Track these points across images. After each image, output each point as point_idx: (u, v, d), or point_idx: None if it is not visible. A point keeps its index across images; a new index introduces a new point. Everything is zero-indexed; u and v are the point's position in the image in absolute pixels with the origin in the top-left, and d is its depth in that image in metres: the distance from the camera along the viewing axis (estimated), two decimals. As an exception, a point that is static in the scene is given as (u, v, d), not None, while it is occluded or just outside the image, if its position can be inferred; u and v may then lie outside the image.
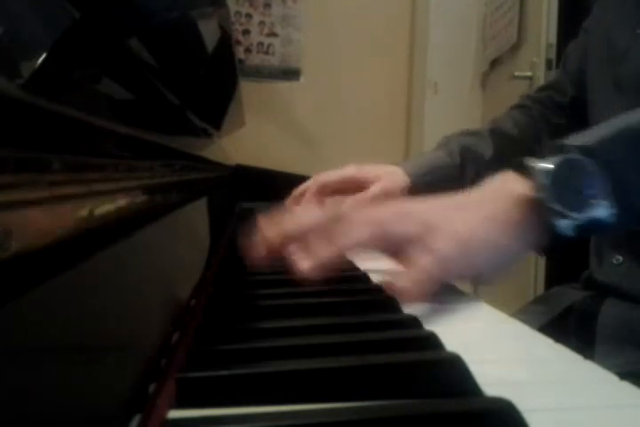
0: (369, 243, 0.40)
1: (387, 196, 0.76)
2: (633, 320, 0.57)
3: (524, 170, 0.42)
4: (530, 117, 0.84)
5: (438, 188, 0.78)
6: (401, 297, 0.36)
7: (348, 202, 0.79)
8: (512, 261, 0.43)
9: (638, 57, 0.62)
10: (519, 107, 0.86)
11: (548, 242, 0.42)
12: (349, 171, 0.86)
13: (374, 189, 0.77)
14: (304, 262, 0.38)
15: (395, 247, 0.41)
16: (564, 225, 0.39)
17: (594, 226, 0.39)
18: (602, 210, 0.39)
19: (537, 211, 0.40)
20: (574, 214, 0.39)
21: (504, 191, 0.43)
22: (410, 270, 0.38)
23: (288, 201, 0.86)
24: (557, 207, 0.39)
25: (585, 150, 0.40)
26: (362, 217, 0.42)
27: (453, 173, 0.79)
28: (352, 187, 0.81)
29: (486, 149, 0.79)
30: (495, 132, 0.81)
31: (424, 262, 0.38)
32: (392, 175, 0.79)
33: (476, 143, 0.80)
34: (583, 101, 0.75)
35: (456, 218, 0.42)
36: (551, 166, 0.40)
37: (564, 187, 0.39)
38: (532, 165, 0.41)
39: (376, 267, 0.47)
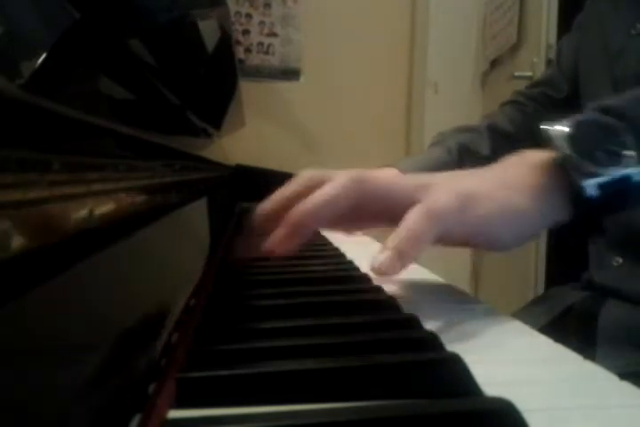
0: (347, 201, 0.34)
1: None
2: (633, 321, 0.57)
3: (540, 145, 0.39)
4: (524, 114, 0.83)
5: None
6: (388, 262, 0.31)
7: None
8: (531, 229, 0.37)
9: (633, 58, 0.62)
10: (512, 103, 0.86)
11: (572, 211, 0.37)
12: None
13: None
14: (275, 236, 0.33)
15: (382, 209, 0.36)
16: (591, 185, 0.35)
17: (622, 185, 0.36)
18: (630, 163, 0.35)
19: (557, 173, 0.36)
20: (601, 170, 0.35)
21: (520, 161, 0.39)
22: (398, 227, 0.32)
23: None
24: (583, 164, 0.35)
25: (605, 110, 0.38)
26: (343, 175, 0.36)
27: (452, 170, 0.78)
28: None
29: (483, 147, 0.78)
30: (492, 129, 0.81)
31: (415, 213, 0.32)
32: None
33: (474, 140, 0.79)
34: (578, 98, 0.74)
35: (457, 178, 0.37)
36: (569, 127, 0.37)
37: (585, 145, 0.36)
38: (549, 129, 0.38)
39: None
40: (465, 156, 0.77)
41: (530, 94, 0.84)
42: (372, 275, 0.45)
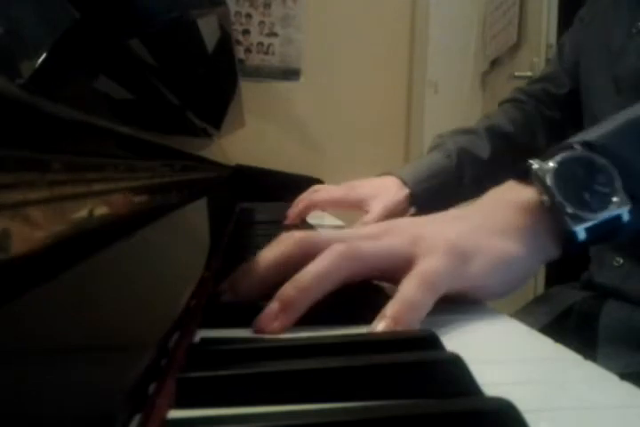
0: (340, 278, 0.32)
1: (390, 213, 0.73)
2: (634, 322, 0.57)
3: (524, 177, 0.38)
4: (524, 112, 0.82)
5: (438, 193, 0.77)
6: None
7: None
8: (524, 274, 0.37)
9: (634, 56, 0.62)
10: (511, 101, 0.85)
11: (561, 251, 0.37)
12: (340, 192, 0.80)
13: (376, 210, 0.73)
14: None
15: (379, 275, 0.35)
16: (578, 228, 0.35)
17: (611, 225, 0.35)
18: (616, 207, 0.35)
19: (545, 216, 0.36)
20: (588, 215, 0.35)
21: (505, 199, 0.38)
22: (398, 291, 0.31)
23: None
24: (569, 208, 0.35)
25: (589, 145, 0.37)
26: (333, 250, 0.33)
27: (452, 176, 0.78)
28: (344, 207, 0.79)
29: (483, 150, 0.78)
30: (491, 131, 0.80)
31: (410, 283, 0.31)
32: (388, 189, 0.76)
33: (473, 143, 0.78)
34: (579, 95, 0.74)
35: (446, 226, 0.36)
36: (554, 165, 0.36)
37: (572, 186, 0.36)
38: (534, 166, 0.37)
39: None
40: (464, 160, 0.77)
41: (530, 91, 0.83)
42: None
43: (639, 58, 0.61)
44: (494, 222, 0.36)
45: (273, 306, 0.31)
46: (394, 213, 0.74)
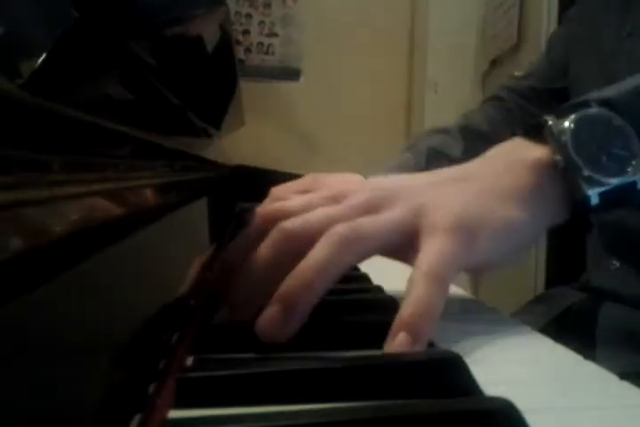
0: (343, 267, 0.29)
1: None
2: (632, 322, 0.57)
3: (534, 134, 0.35)
4: (505, 111, 0.81)
5: None
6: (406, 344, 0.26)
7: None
8: (527, 240, 0.34)
9: (625, 61, 0.62)
10: (493, 99, 0.84)
11: (568, 216, 0.34)
12: (305, 183, 0.81)
13: None
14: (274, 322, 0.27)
15: (380, 250, 0.32)
16: (592, 192, 0.32)
17: (626, 191, 0.33)
18: (634, 172, 0.33)
19: (557, 178, 0.33)
20: (604, 179, 0.32)
21: (513, 158, 0.35)
22: (409, 293, 0.28)
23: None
24: (585, 171, 0.32)
25: (608, 103, 0.35)
26: (330, 237, 0.29)
27: None
28: None
29: (454, 149, 0.76)
30: (465, 130, 0.78)
31: (419, 283, 0.28)
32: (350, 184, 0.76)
33: (445, 142, 0.77)
34: (568, 93, 0.74)
35: (448, 194, 0.33)
36: (570, 124, 0.34)
37: (588, 147, 0.33)
38: (548, 123, 0.34)
39: None
40: (433, 159, 0.76)
41: (514, 88, 0.82)
42: (370, 275, 0.45)
43: (630, 61, 0.61)
44: (500, 185, 0.33)
45: (274, 308, 0.27)
46: None
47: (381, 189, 0.34)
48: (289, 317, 0.27)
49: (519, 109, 0.80)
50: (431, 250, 0.30)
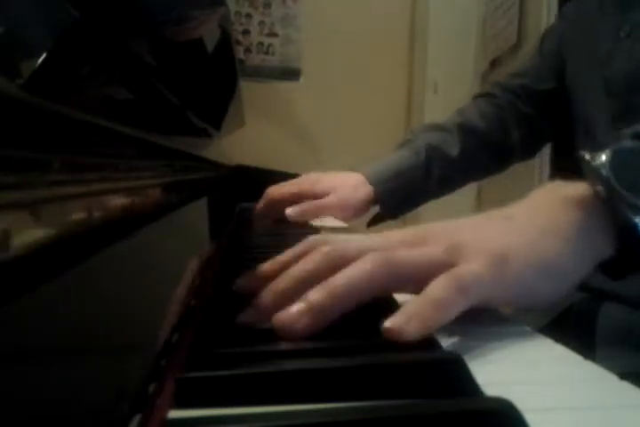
0: (374, 288, 0.30)
1: (342, 207, 0.73)
2: (632, 323, 0.57)
3: (569, 175, 0.35)
4: (497, 108, 0.80)
5: (403, 191, 0.76)
6: (398, 332, 0.26)
7: (296, 207, 0.73)
8: (572, 277, 0.33)
9: (624, 61, 0.62)
10: (486, 95, 0.83)
11: (616, 248, 0.33)
12: (300, 182, 0.79)
13: (331, 199, 0.73)
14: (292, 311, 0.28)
15: (412, 280, 0.31)
16: (639, 219, 0.32)
17: None
18: None
19: (600, 209, 0.33)
20: None
21: (553, 195, 0.35)
22: (419, 296, 0.28)
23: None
24: (629, 197, 0.32)
25: (638, 135, 0.35)
26: (368, 259, 0.30)
27: (419, 174, 0.76)
28: (307, 199, 0.78)
29: (453, 147, 0.76)
30: (463, 128, 0.78)
31: (442, 281, 0.28)
32: (348, 184, 0.75)
33: (443, 140, 0.77)
34: (563, 94, 0.73)
35: (488, 232, 0.33)
36: (607, 157, 0.33)
37: (628, 176, 0.33)
38: (586, 157, 0.34)
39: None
40: (433, 157, 0.76)
41: (507, 86, 0.82)
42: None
43: (629, 61, 0.61)
44: (541, 222, 0.33)
45: (299, 306, 0.28)
46: (346, 209, 0.74)
47: (425, 228, 0.35)
48: (310, 317, 0.28)
49: (511, 107, 0.80)
50: (463, 267, 0.30)
